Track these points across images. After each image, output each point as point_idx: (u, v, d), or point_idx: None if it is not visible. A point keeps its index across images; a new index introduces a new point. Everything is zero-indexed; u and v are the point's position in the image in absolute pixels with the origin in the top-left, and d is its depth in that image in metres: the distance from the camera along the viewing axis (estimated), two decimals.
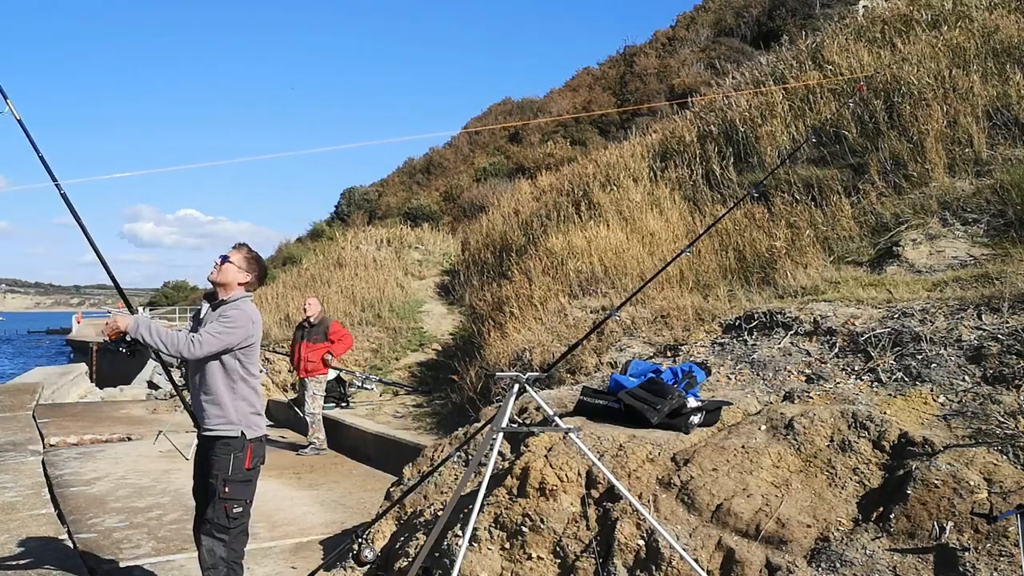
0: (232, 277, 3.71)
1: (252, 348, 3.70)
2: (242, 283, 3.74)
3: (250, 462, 3.65)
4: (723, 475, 3.58)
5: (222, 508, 3.58)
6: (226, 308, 3.67)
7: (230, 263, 3.71)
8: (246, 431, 3.65)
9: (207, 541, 3.59)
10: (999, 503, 3.01)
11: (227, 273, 3.70)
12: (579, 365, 6.47)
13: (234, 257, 3.73)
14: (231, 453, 3.60)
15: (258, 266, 3.82)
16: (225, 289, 3.72)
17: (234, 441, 3.62)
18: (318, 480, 7.35)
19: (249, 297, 3.79)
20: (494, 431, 3.09)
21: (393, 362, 12.20)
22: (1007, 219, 5.80)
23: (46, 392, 13.74)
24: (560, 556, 3.56)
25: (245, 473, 3.63)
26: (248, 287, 3.78)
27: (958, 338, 4.33)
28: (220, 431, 3.62)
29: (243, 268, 3.73)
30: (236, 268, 3.71)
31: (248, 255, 3.78)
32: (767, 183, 7.86)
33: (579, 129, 25.63)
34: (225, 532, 3.59)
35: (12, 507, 6.10)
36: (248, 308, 3.70)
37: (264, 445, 3.81)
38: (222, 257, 3.73)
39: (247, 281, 3.76)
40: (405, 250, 17.82)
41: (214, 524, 3.59)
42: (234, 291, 3.72)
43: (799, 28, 16.61)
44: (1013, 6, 8.55)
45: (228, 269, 3.70)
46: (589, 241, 9.20)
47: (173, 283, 59.65)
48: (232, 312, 3.63)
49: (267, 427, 4.13)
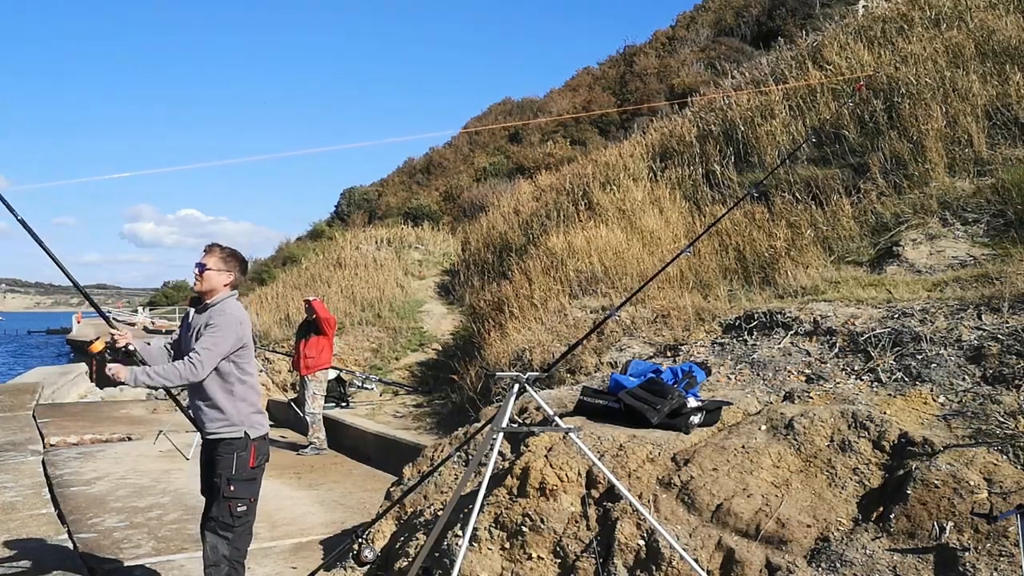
0: (215, 282, 3.71)
1: (245, 349, 3.70)
2: (226, 284, 3.74)
3: (254, 460, 3.66)
4: (723, 475, 3.58)
5: (226, 507, 3.60)
6: (212, 314, 3.65)
7: (209, 270, 3.70)
8: (249, 431, 3.66)
9: (211, 538, 3.62)
10: (999, 503, 3.01)
11: (209, 280, 3.70)
12: (579, 365, 6.47)
13: (210, 262, 3.72)
14: (235, 453, 3.62)
15: (236, 260, 3.80)
16: (211, 294, 3.72)
17: (237, 441, 3.63)
18: (318, 480, 7.35)
19: (234, 296, 3.78)
20: (494, 431, 3.09)
21: (393, 362, 12.21)
22: (1007, 219, 5.80)
23: (46, 392, 13.74)
24: (560, 556, 3.56)
25: (249, 472, 3.65)
26: (233, 285, 3.78)
27: (958, 338, 4.33)
28: (223, 434, 3.63)
29: (222, 268, 3.73)
30: (216, 272, 3.71)
31: (221, 254, 3.77)
32: (767, 183, 7.86)
33: (579, 129, 25.61)
34: (229, 530, 3.61)
35: (12, 507, 6.10)
36: (233, 309, 3.68)
37: (267, 443, 3.82)
38: (199, 266, 3.72)
39: (230, 281, 3.76)
40: (405, 250, 17.82)
41: (218, 522, 3.61)
42: (220, 293, 3.73)
43: (799, 28, 16.60)
44: (1013, 6, 8.55)
45: (208, 276, 3.70)
46: (589, 241, 9.20)
47: (173, 283, 59.61)
48: (218, 319, 3.61)
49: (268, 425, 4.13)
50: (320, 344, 8.65)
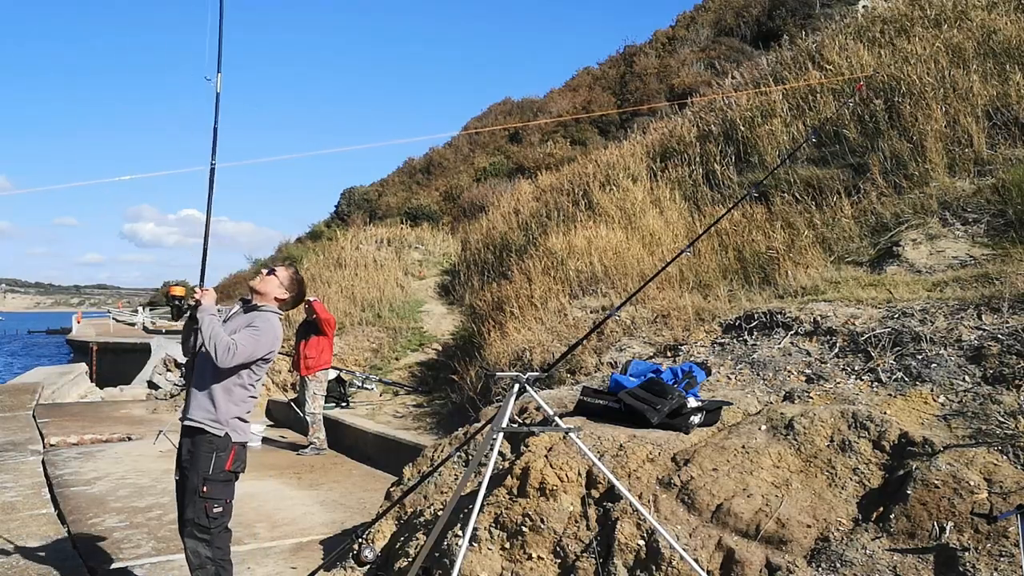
0: (272, 289, 3.86)
1: (264, 363, 3.78)
2: (279, 299, 3.89)
3: (231, 464, 3.68)
4: (723, 475, 3.57)
5: (202, 508, 3.60)
6: (257, 317, 3.75)
7: (275, 276, 3.88)
8: (232, 433, 3.68)
9: (190, 543, 3.61)
10: (999, 503, 3.01)
11: (269, 284, 3.86)
12: (579, 365, 6.47)
13: (280, 273, 3.91)
14: (213, 451, 3.63)
15: (298, 288, 3.97)
16: (262, 298, 3.85)
17: (218, 440, 3.65)
18: (318, 480, 7.35)
19: (279, 315, 3.90)
20: (494, 431, 3.09)
21: (393, 362, 12.21)
22: (1007, 219, 5.80)
23: (46, 392, 13.75)
24: (560, 556, 3.56)
25: (225, 474, 3.66)
26: (282, 305, 3.92)
27: (958, 338, 4.33)
28: (205, 425, 3.65)
29: (284, 286, 3.89)
30: (278, 283, 3.87)
31: (293, 276, 3.96)
32: (767, 183, 7.86)
33: (579, 129, 25.59)
34: (207, 532, 3.61)
35: (12, 507, 6.10)
36: (275, 323, 3.81)
37: (246, 452, 3.84)
38: (270, 270, 3.92)
39: (284, 299, 3.91)
40: (405, 250, 17.82)
41: (195, 525, 3.60)
42: (269, 303, 3.86)
43: (799, 28, 16.59)
44: (1013, 6, 8.55)
45: (271, 281, 3.87)
46: (589, 241, 9.20)
47: (173, 283, 59.69)
48: (262, 323, 3.72)
49: (267, 428, 4.13)
50: (320, 344, 8.66)
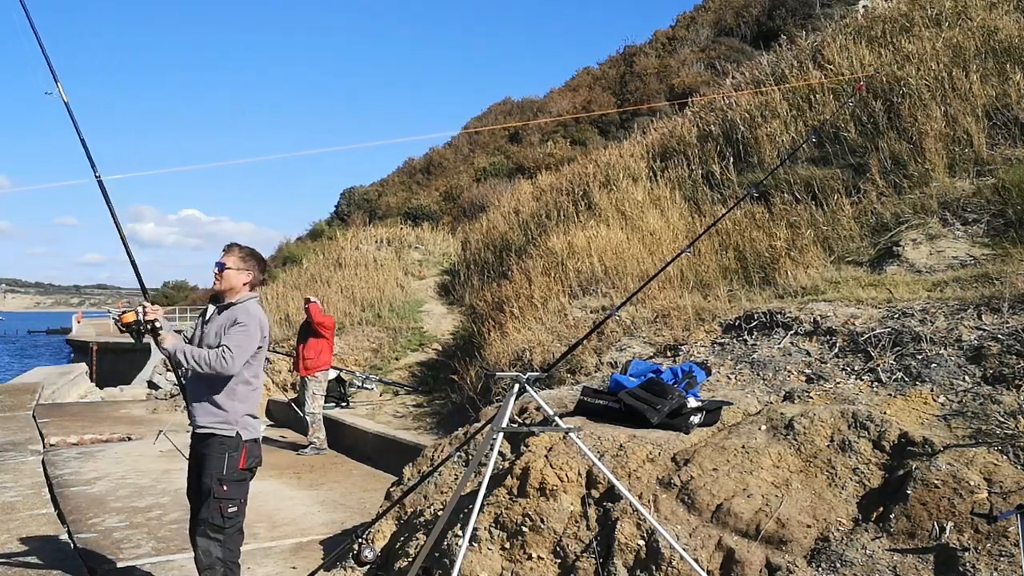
0: (235, 281, 3.74)
1: (260, 352, 3.73)
2: (245, 283, 3.77)
3: (244, 462, 3.65)
4: (723, 475, 3.57)
5: (216, 508, 3.58)
6: (237, 312, 3.67)
7: (228, 269, 3.73)
8: (242, 432, 3.66)
9: (202, 542, 3.59)
10: (999, 503, 3.01)
11: (228, 279, 3.74)
12: (579, 365, 6.47)
13: (229, 261, 3.75)
14: (226, 452, 3.60)
15: (255, 259, 3.84)
16: (232, 292, 3.75)
17: (229, 440, 3.62)
18: (318, 480, 7.35)
19: (256, 298, 3.82)
20: (494, 431, 3.09)
21: (393, 362, 12.21)
22: (1007, 219, 5.80)
23: (46, 392, 13.75)
24: (560, 556, 3.56)
25: (239, 473, 3.64)
26: (252, 285, 3.81)
27: (958, 338, 4.33)
28: (215, 430, 3.62)
29: (241, 267, 3.76)
30: (235, 271, 3.74)
31: (240, 253, 3.80)
32: (767, 183, 7.86)
33: (579, 129, 25.61)
34: (220, 532, 3.59)
35: (12, 507, 6.10)
36: (257, 312, 3.73)
37: (260, 447, 3.81)
38: (218, 265, 3.75)
39: (250, 280, 3.78)
40: (405, 250, 17.83)
41: (208, 524, 3.58)
42: (240, 292, 3.75)
43: (799, 28, 16.60)
44: (1013, 5, 8.55)
45: (228, 275, 3.73)
46: (589, 241, 9.20)
47: (173, 283, 59.55)
48: (245, 317, 3.65)
49: (267, 428, 4.13)
50: (319, 346, 8.65)
